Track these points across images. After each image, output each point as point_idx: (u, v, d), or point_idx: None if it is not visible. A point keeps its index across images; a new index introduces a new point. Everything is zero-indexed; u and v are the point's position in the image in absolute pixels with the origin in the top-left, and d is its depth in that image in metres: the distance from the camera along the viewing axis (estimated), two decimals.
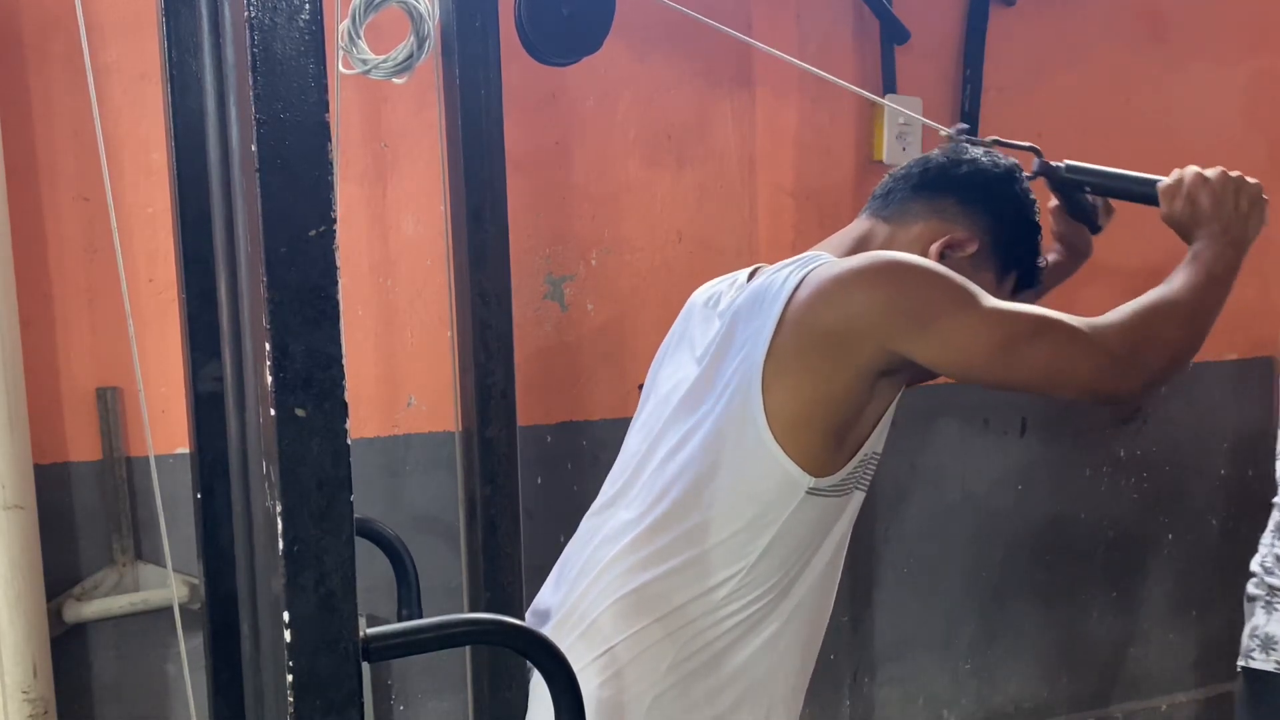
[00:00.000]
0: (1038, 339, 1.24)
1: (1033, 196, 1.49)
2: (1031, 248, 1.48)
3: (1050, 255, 1.63)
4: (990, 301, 1.26)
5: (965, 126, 1.59)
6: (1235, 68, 2.85)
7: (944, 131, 1.58)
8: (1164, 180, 1.45)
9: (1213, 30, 2.80)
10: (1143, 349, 1.27)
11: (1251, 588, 1.94)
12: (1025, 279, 1.49)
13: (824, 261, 1.32)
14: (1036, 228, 1.48)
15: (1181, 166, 1.46)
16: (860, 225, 1.48)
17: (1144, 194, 1.50)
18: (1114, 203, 1.61)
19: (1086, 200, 1.59)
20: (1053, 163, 1.56)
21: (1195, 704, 3.06)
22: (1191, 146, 2.79)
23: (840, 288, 1.26)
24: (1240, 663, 1.92)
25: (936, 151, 1.51)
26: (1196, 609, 3.03)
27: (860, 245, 1.42)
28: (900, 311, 1.24)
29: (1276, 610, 1.87)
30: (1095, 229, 1.62)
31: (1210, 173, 1.42)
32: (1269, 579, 1.90)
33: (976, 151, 1.48)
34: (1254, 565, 1.94)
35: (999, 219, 1.44)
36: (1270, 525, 1.94)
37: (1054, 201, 1.62)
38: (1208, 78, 2.81)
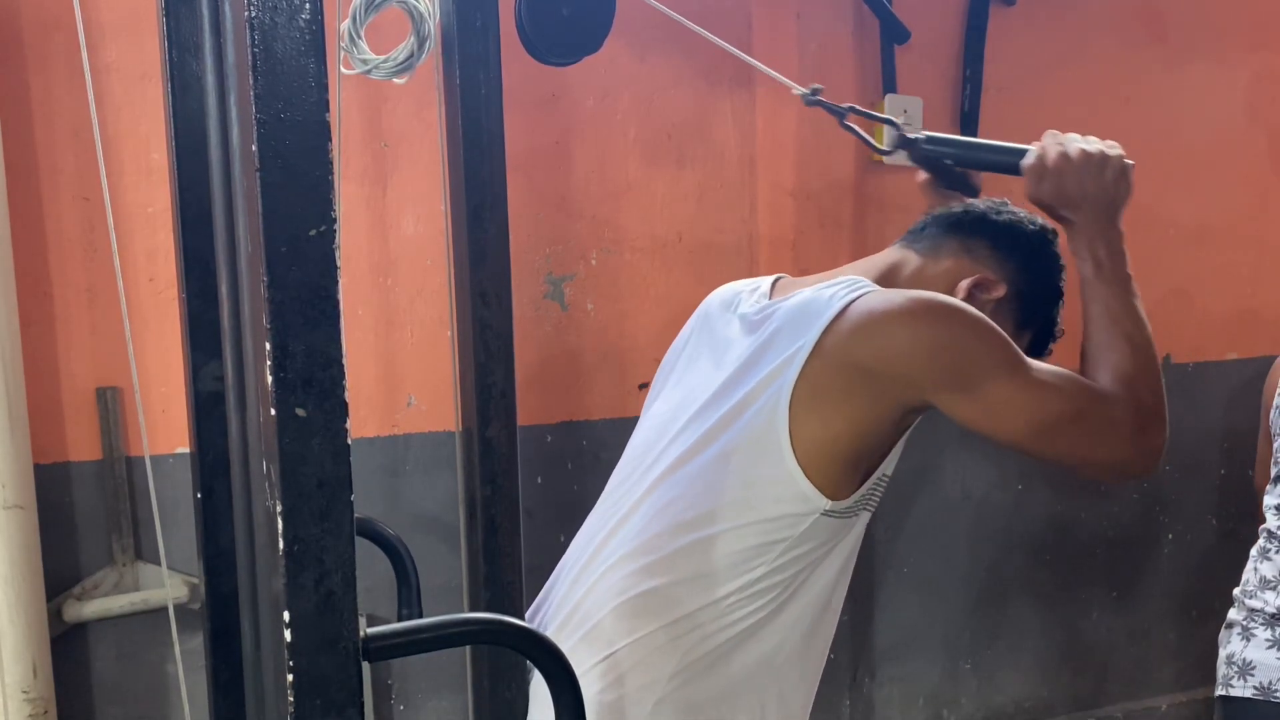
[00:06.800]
0: (1074, 427, 1.25)
1: (1063, 262, 1.47)
2: (1050, 313, 1.48)
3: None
4: (1032, 370, 1.25)
5: (820, 87, 1.53)
6: (1236, 67, 2.85)
7: (796, 90, 1.53)
8: (1028, 155, 1.41)
9: (1213, 30, 2.80)
10: (1150, 427, 1.27)
11: (1231, 613, 1.91)
12: (1038, 345, 1.48)
13: (869, 290, 1.30)
14: (1060, 294, 1.47)
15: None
16: (891, 254, 1.48)
17: (1008, 166, 1.45)
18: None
19: (955, 170, 1.55)
20: (910, 134, 1.51)
21: (1195, 703, 3.05)
22: (1192, 146, 2.79)
23: (885, 325, 1.25)
24: (1219, 691, 1.87)
25: (980, 200, 1.50)
26: (1196, 609, 3.03)
27: (890, 272, 1.43)
28: (944, 365, 1.24)
29: (1254, 635, 1.83)
30: (972, 193, 1.58)
31: (1072, 150, 1.37)
32: (1249, 601, 1.87)
33: (1019, 210, 1.47)
34: (1236, 591, 1.92)
35: (1028, 272, 1.44)
36: (1254, 551, 1.93)
37: (923, 175, 1.58)
38: (1208, 77, 2.81)
